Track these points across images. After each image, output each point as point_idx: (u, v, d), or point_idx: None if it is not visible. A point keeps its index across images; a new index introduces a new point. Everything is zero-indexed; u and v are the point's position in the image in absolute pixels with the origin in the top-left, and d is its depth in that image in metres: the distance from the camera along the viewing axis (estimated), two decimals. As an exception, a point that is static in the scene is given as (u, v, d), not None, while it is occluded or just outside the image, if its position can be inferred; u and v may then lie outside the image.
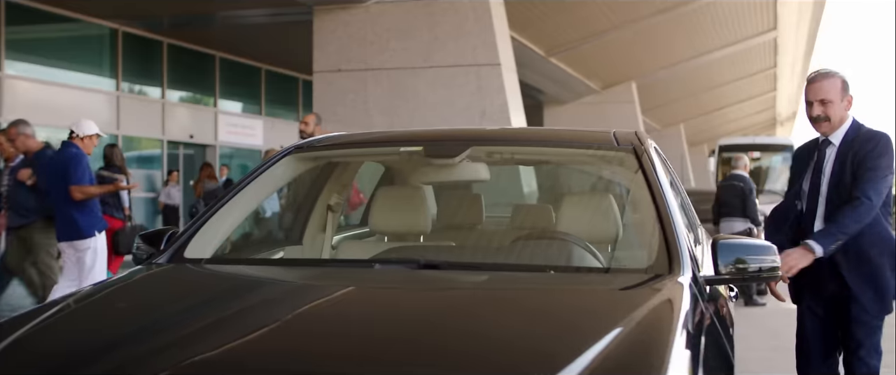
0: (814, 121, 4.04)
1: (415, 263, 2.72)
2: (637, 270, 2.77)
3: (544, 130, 3.73)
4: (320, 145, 3.53)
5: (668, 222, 2.73)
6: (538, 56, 19.15)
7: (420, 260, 2.73)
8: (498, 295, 2.51)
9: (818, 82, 4.02)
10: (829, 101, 3.98)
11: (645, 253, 2.85)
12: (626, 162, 3.19)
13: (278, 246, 3.94)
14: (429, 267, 2.70)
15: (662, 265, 2.59)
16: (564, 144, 3.48)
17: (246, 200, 3.29)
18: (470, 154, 3.31)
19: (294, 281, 2.84)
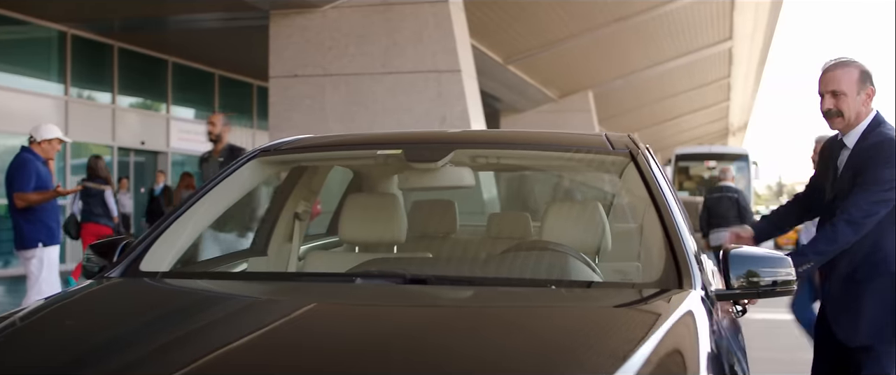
0: (825, 115, 3.58)
1: (400, 277, 2.49)
2: (643, 285, 2.56)
3: (532, 133, 3.52)
4: (289, 148, 3.29)
5: (675, 232, 2.53)
6: (496, 63, 19.03)
7: (405, 273, 2.50)
8: (501, 315, 2.27)
9: (831, 71, 3.56)
10: (841, 94, 3.52)
11: (649, 265, 2.65)
12: (622, 166, 2.99)
13: (241, 257, 3.69)
14: (415, 281, 2.47)
15: (671, 279, 2.39)
16: (555, 148, 3.26)
17: (207, 208, 3.04)
18: (453, 158, 3.09)
19: (265, 299, 2.55)
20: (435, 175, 3.11)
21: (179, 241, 2.86)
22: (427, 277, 2.53)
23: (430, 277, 2.54)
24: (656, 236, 2.57)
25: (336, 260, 3.49)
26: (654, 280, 2.47)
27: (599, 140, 3.11)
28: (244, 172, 3.13)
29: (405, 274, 2.49)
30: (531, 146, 3.29)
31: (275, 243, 3.69)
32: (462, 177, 3.17)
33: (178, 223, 2.87)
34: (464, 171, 3.19)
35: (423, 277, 2.52)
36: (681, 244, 2.48)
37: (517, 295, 2.44)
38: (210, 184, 3.05)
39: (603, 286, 2.66)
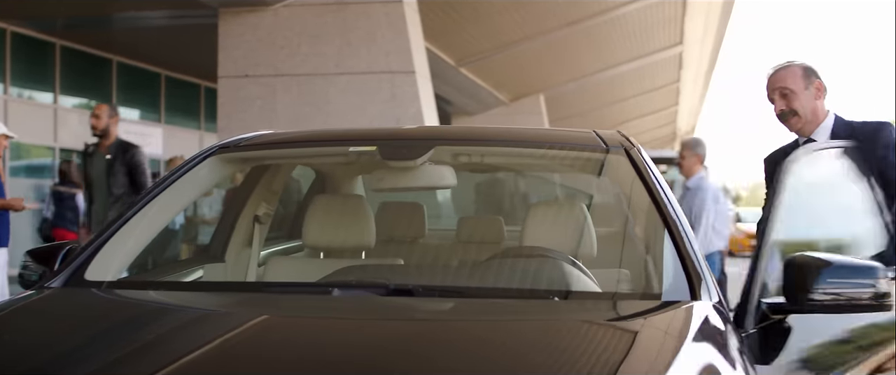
0: (781, 119, 3.52)
1: (382, 288, 2.24)
2: (650, 295, 2.33)
3: (518, 129, 3.25)
4: (251, 144, 3.03)
5: (681, 236, 2.33)
6: (448, 66, 18.86)
7: (389, 283, 2.25)
8: (505, 332, 2.01)
9: (773, 74, 3.56)
10: (789, 91, 3.49)
11: (651, 273, 2.42)
12: (617, 165, 2.77)
13: (197, 263, 3.43)
14: (400, 292, 2.23)
15: (681, 288, 2.18)
16: (544, 145, 3.04)
17: (160, 210, 2.78)
18: (433, 156, 2.86)
19: (230, 313, 2.26)
20: (413, 174, 2.86)
21: (128, 247, 2.60)
22: (413, 287, 2.27)
23: (416, 287, 2.28)
24: (659, 241, 2.37)
25: (301, 267, 3.25)
26: (660, 290, 2.26)
27: (589, 136, 2.91)
28: (200, 171, 2.87)
29: (388, 284, 2.24)
30: (518, 143, 3.05)
31: (233, 248, 3.44)
32: (442, 177, 2.94)
33: (128, 227, 2.61)
34: (444, 170, 2.95)
35: (409, 287, 2.27)
36: (689, 250, 2.29)
37: (518, 309, 2.21)
38: (162, 183, 2.79)
39: (608, 297, 2.44)
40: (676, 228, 2.37)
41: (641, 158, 2.69)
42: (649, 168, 2.64)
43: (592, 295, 2.42)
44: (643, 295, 2.37)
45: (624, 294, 2.49)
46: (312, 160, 3.62)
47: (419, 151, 2.81)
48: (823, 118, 3.51)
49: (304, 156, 3.36)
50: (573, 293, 2.39)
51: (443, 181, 2.93)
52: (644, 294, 2.38)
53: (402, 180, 2.91)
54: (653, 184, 2.57)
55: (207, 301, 2.42)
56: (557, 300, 2.27)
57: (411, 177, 2.87)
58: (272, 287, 2.54)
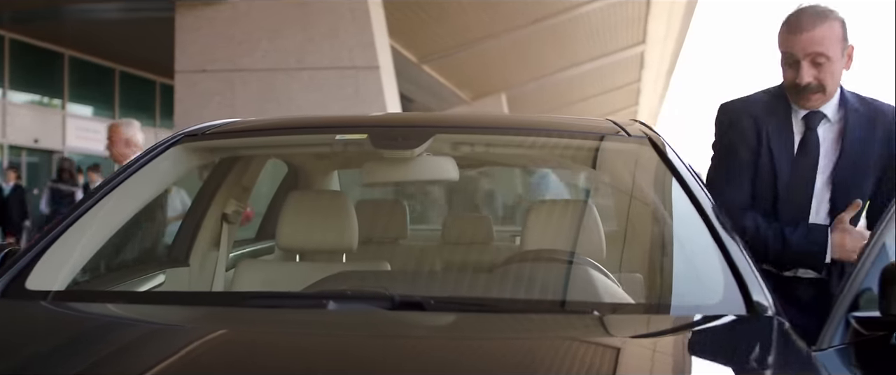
0: (803, 90, 2.69)
1: (386, 300, 1.89)
2: (698, 308, 1.97)
3: (525, 116, 2.92)
4: (220, 131, 2.68)
5: (725, 239, 2.04)
6: (411, 63, 18.56)
7: (394, 295, 1.89)
8: (558, 357, 1.67)
9: (810, 29, 2.63)
10: (825, 59, 2.64)
11: (693, 282, 2.09)
12: (641, 156, 2.45)
13: (158, 267, 3.06)
14: (407, 306, 1.88)
15: (733, 300, 1.88)
16: (556, 133, 2.69)
17: (114, 208, 2.40)
18: (432, 145, 2.53)
19: (203, 333, 1.86)
20: (409, 166, 2.52)
21: (78, 251, 2.23)
22: (423, 300, 1.90)
23: (427, 300, 1.91)
24: (698, 243, 2.07)
25: (276, 272, 2.91)
26: (709, 301, 1.94)
27: (606, 124, 2.59)
28: (162, 163, 2.50)
29: (393, 296, 1.89)
30: (527, 131, 2.69)
31: (198, 250, 3.10)
32: (443, 169, 2.59)
33: (77, 228, 2.25)
34: (445, 162, 2.61)
35: (418, 300, 1.90)
36: (739, 254, 2.00)
37: (559, 327, 1.88)
38: (116, 178, 2.44)
39: (654, 310, 2.10)
40: (719, 228, 2.08)
41: (669, 148, 2.39)
42: (680, 159, 2.35)
43: (635, 307, 2.11)
44: (689, 307, 2.03)
45: (669, 306, 2.13)
46: (291, 150, 3.27)
47: (416, 140, 2.46)
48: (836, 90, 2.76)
49: (282, 146, 2.99)
50: (615, 306, 2.07)
51: (443, 174, 2.59)
52: (690, 306, 2.04)
53: (397, 173, 2.56)
54: (686, 177, 2.26)
55: (168, 315, 2.04)
56: (598, 315, 1.93)
57: (407, 170, 2.53)
58: (252, 298, 2.08)
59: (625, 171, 2.63)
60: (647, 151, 2.42)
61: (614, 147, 2.57)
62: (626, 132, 2.48)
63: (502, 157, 3.27)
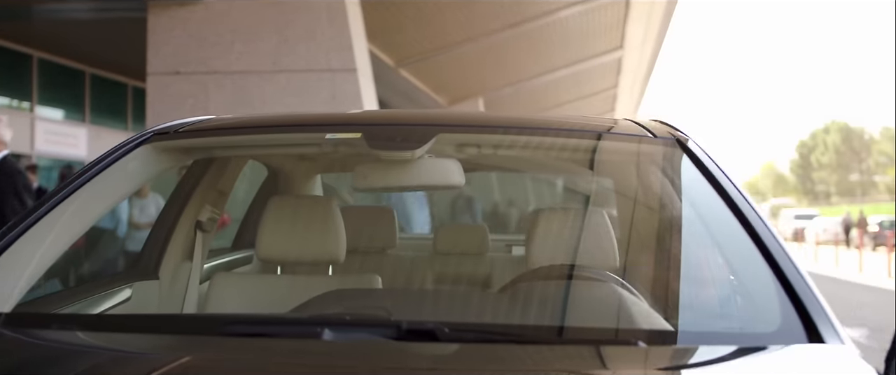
0: None
1: (390, 328, 1.63)
2: (754, 336, 1.71)
3: (537, 116, 2.65)
4: (194, 129, 2.43)
5: (777, 255, 1.79)
6: (387, 67, 18.33)
7: (401, 323, 1.60)
8: None
9: None
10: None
11: (744, 306, 1.84)
12: (671, 160, 2.20)
13: (124, 281, 2.80)
14: (416, 335, 1.60)
15: (792, 327, 1.64)
16: (574, 134, 2.42)
17: (75, 215, 2.14)
18: (435, 146, 2.27)
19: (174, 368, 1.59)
20: (409, 169, 2.26)
21: (31, 264, 1.97)
22: (436, 328, 1.61)
23: (440, 328, 1.62)
24: (743, 260, 1.84)
25: (256, 286, 2.67)
26: (763, 329, 1.68)
27: (628, 125, 2.34)
28: (128, 164, 2.25)
29: (401, 323, 1.60)
30: (541, 131, 2.42)
31: (169, 262, 2.85)
32: (447, 174, 2.34)
33: (29, 238, 1.99)
34: (449, 165, 2.36)
35: (429, 328, 1.61)
36: (795, 273, 1.75)
37: (610, 361, 1.61)
38: (76, 180, 2.18)
39: (703, 340, 1.77)
40: (769, 243, 1.84)
41: (701, 151, 2.16)
42: (715, 163, 2.11)
43: (684, 336, 1.80)
44: (742, 335, 1.77)
45: (720, 334, 1.84)
46: (273, 151, 3.01)
47: (417, 140, 2.21)
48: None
49: (263, 146, 2.73)
50: (660, 335, 1.79)
51: (447, 178, 2.34)
52: (743, 334, 1.78)
53: (395, 177, 2.30)
54: (725, 184, 2.02)
55: (134, 344, 1.75)
56: (644, 346, 1.65)
57: (407, 174, 2.27)
58: (231, 324, 1.77)
59: (650, 177, 2.38)
60: (676, 154, 2.18)
61: (638, 149, 2.31)
62: (650, 133, 2.25)
63: (512, 161, 3.02)
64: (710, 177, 2.04)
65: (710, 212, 2.02)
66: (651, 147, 2.26)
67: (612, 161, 2.56)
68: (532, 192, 13.30)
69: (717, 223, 1.99)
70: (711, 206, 2.00)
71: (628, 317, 1.89)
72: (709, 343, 1.72)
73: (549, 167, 3.26)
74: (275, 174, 3.44)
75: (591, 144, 2.43)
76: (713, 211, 2.00)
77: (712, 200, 2.00)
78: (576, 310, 1.94)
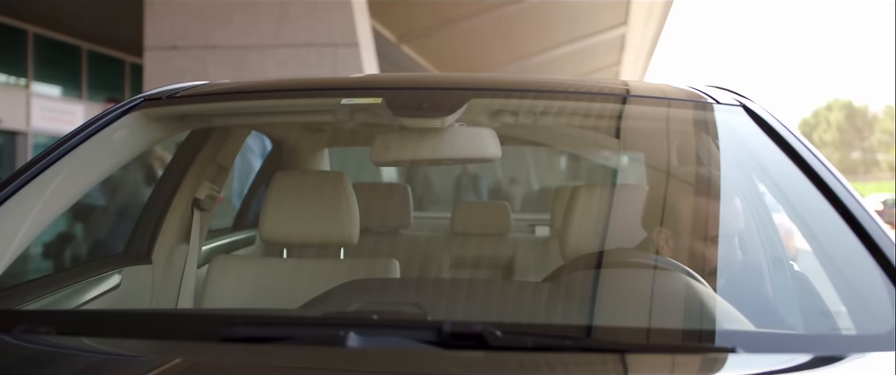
0: None
1: (428, 330, 1.35)
2: (859, 340, 1.41)
3: (580, 79, 2.35)
4: (192, 95, 2.16)
5: (882, 238, 1.51)
6: (389, 43, 18.03)
7: (443, 325, 1.32)
8: None
9: None
10: None
11: (845, 300, 1.50)
12: (740, 129, 1.89)
13: (113, 266, 2.53)
14: (461, 339, 1.32)
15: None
16: (626, 100, 2.11)
17: (56, 191, 1.85)
18: (467, 113, 1.99)
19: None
20: (436, 140, 2.00)
21: (6, 244, 1.71)
22: (485, 331, 1.31)
23: (490, 331, 1.31)
24: (837, 245, 1.56)
25: (260, 272, 2.40)
26: (872, 329, 1.38)
27: (684, 90, 2.04)
28: (115, 134, 1.98)
29: (442, 325, 1.31)
30: (591, 95, 2.11)
31: (163, 244, 2.59)
32: (482, 144, 2.06)
33: (4, 210, 1.73)
34: (484, 134, 2.08)
35: (477, 331, 1.31)
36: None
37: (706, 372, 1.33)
38: (56, 150, 1.92)
39: (805, 346, 1.44)
40: (870, 228, 1.54)
41: (776, 120, 1.88)
42: (794, 134, 1.83)
43: (782, 341, 1.47)
44: (845, 339, 1.44)
45: (826, 339, 1.51)
46: (279, 119, 2.73)
47: (446, 106, 1.94)
48: None
49: (268, 113, 2.41)
50: (755, 337, 1.46)
51: (483, 150, 2.07)
52: (845, 337, 1.46)
53: (421, 148, 2.01)
54: (807, 158, 1.73)
55: (114, 350, 1.47)
56: (742, 353, 1.34)
57: (435, 145, 2.00)
58: (232, 325, 1.45)
59: (713, 150, 2.09)
60: (744, 123, 1.89)
61: (700, 117, 2.01)
62: (712, 98, 1.96)
63: (553, 132, 2.72)
64: (788, 149, 1.76)
65: (790, 190, 1.73)
66: (713, 114, 1.96)
67: (666, 130, 2.28)
68: (533, 169, 13.01)
69: (801, 202, 1.70)
70: (791, 182, 1.71)
71: (711, 317, 1.60)
72: (815, 349, 1.42)
73: (587, 140, 2.95)
74: (279, 147, 3.17)
75: (643, 112, 2.13)
76: (794, 189, 1.71)
77: (792, 175, 1.72)
78: (648, 308, 1.64)
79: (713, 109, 1.95)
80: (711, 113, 1.97)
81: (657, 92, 2.12)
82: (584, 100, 2.13)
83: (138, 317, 1.67)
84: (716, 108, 1.95)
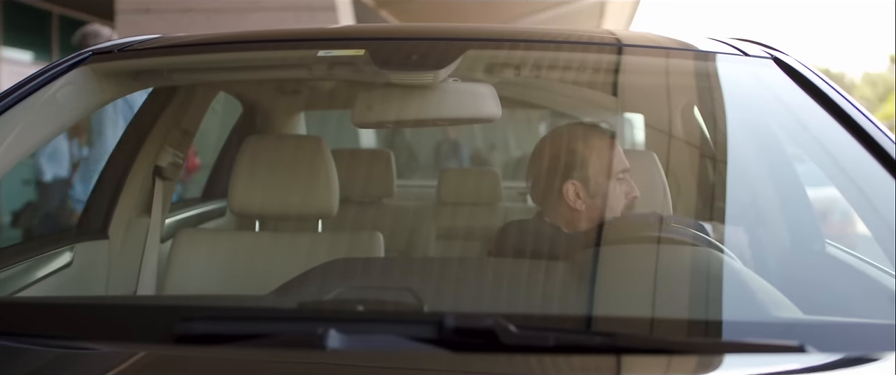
0: None
1: (425, 325, 1.12)
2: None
3: (587, 30, 2.09)
4: (145, 48, 1.93)
5: None
6: (366, 7, 17.70)
7: (445, 317, 1.10)
8: None
9: None
10: None
11: None
12: (772, 84, 1.69)
13: (65, 242, 2.28)
14: (466, 337, 1.09)
15: None
16: (643, 52, 1.86)
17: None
18: (462, 67, 1.77)
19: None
20: (427, 98, 1.77)
21: None
22: (496, 327, 1.09)
23: (502, 326, 1.09)
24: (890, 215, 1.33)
25: (229, 249, 2.18)
26: None
27: (707, 42, 1.83)
28: (60, 92, 1.74)
29: (443, 318, 1.09)
30: (602, 46, 1.89)
31: (121, 217, 2.35)
32: (480, 102, 1.83)
33: None
34: (482, 91, 1.85)
35: (490, 326, 1.09)
36: None
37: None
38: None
39: (878, 342, 1.20)
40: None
41: (812, 72, 1.66)
42: (836, 89, 1.62)
43: (851, 335, 1.23)
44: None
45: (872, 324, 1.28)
46: (247, 75, 2.49)
47: (439, 58, 1.72)
48: None
49: (234, 68, 2.20)
50: (822, 328, 1.24)
51: (480, 108, 1.84)
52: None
53: (410, 107, 1.79)
54: (856, 116, 1.53)
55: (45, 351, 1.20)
56: (813, 352, 1.12)
57: (426, 103, 1.77)
58: (189, 321, 1.19)
59: (740, 107, 1.87)
60: (777, 77, 1.67)
61: (726, 70, 1.79)
62: (739, 50, 1.75)
63: (554, 91, 2.48)
64: (831, 106, 1.55)
65: (837, 152, 1.52)
66: (743, 67, 1.74)
67: (689, 86, 2.05)
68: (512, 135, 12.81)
69: (850, 166, 1.50)
70: (836, 144, 1.50)
71: (754, 302, 1.37)
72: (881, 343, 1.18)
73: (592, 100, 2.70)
74: (251, 109, 2.93)
75: (660, 64, 1.90)
76: (841, 150, 1.50)
77: (837, 136, 1.50)
78: (691, 294, 1.39)
79: (741, 62, 1.75)
80: (740, 66, 1.76)
81: (678, 44, 1.89)
82: (593, 51, 1.89)
83: (71, 309, 1.42)
84: (745, 62, 1.74)
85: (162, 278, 2.21)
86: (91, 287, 2.25)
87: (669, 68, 1.88)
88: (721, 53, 1.78)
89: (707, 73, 1.86)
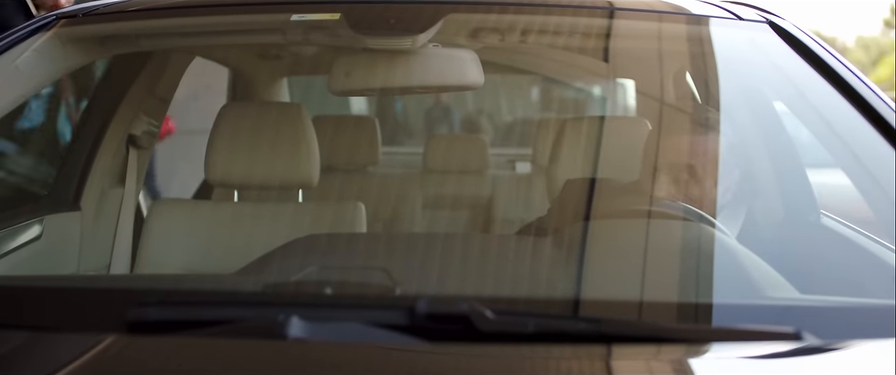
0: None
1: (397, 310, 1.02)
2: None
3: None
4: (113, 11, 1.85)
5: None
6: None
7: (417, 304, 1.01)
8: None
9: None
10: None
11: None
12: (767, 48, 1.63)
13: (33, 214, 2.20)
14: (442, 323, 1.00)
15: None
16: (633, 15, 1.80)
17: None
18: (443, 31, 1.69)
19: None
20: (406, 64, 1.70)
21: None
22: (471, 312, 0.99)
23: (477, 312, 0.99)
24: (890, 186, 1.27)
25: (206, 220, 2.11)
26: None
27: (699, 5, 1.77)
28: (22, 59, 1.64)
29: (416, 305, 1.00)
30: (591, 10, 1.80)
31: (93, 188, 2.28)
32: (462, 69, 1.77)
33: None
34: (464, 57, 1.78)
35: (463, 311, 1.00)
36: None
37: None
38: None
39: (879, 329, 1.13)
40: None
41: (809, 37, 1.59)
42: (834, 54, 1.55)
43: (857, 320, 1.15)
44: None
45: (869, 306, 1.21)
46: (218, 40, 2.40)
47: (418, 23, 1.65)
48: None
49: (206, 33, 2.07)
50: (822, 313, 1.15)
51: (462, 75, 1.77)
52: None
53: (388, 74, 1.72)
54: (854, 83, 1.46)
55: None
56: (816, 344, 1.04)
57: (405, 69, 1.70)
58: (142, 307, 1.09)
59: (734, 73, 1.81)
60: (772, 40, 1.61)
61: (720, 34, 1.72)
62: (733, 14, 1.69)
63: (539, 56, 2.40)
64: (828, 72, 1.49)
65: (835, 120, 1.46)
66: (737, 32, 1.68)
67: (681, 51, 1.99)
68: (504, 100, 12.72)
69: (848, 134, 1.44)
70: (835, 111, 1.44)
71: (750, 284, 1.29)
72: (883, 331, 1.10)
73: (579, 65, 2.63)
74: (234, 76, 2.86)
75: (654, 28, 1.82)
76: (840, 118, 1.44)
77: (835, 103, 1.44)
78: (684, 275, 1.31)
79: (735, 26, 1.68)
80: (734, 30, 1.69)
81: (670, 7, 1.82)
82: (582, 15, 1.82)
83: (10, 291, 1.32)
84: (739, 26, 1.68)
85: (137, 252, 2.14)
86: (62, 261, 2.18)
87: (661, 32, 1.81)
88: (714, 17, 1.71)
89: (700, 38, 1.79)
